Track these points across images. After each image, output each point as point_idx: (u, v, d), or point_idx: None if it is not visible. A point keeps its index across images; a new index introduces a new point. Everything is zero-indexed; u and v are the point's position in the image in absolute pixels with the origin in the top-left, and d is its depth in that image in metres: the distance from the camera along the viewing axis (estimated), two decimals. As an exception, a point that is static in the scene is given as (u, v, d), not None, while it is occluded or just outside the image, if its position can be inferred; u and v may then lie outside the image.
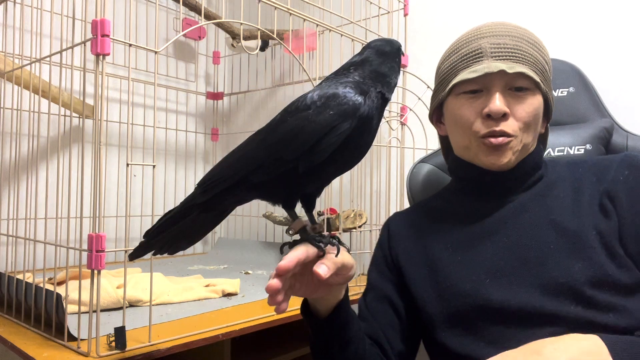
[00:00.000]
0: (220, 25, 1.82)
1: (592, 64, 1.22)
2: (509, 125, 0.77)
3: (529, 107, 0.78)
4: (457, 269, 0.79)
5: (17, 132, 1.08)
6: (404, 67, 1.48)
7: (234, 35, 1.79)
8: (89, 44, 0.82)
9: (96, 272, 0.79)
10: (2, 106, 1.21)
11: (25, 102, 1.16)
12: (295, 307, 0.77)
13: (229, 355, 1.12)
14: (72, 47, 0.90)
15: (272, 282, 0.62)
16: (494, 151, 0.78)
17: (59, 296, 0.85)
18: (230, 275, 1.44)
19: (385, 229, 0.95)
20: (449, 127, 0.86)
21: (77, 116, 1.50)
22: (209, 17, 1.64)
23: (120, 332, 0.80)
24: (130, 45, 0.88)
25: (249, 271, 1.53)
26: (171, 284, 1.19)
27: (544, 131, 0.86)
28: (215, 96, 2.09)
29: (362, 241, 1.55)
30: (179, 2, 1.20)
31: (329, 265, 0.64)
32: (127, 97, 1.60)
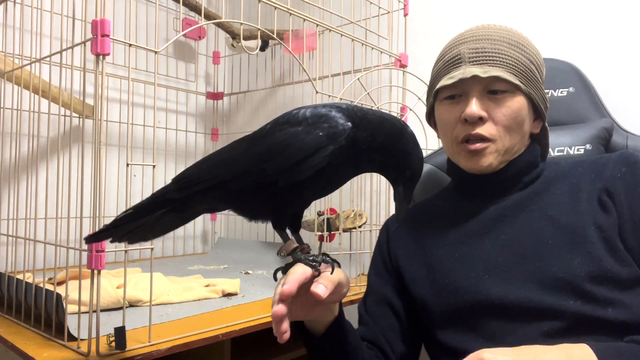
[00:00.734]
0: (220, 25, 1.82)
1: (592, 64, 1.22)
2: (486, 129, 0.78)
3: (507, 110, 0.78)
4: (455, 266, 0.80)
5: (17, 132, 1.08)
6: (404, 67, 1.48)
7: (234, 35, 1.79)
8: (89, 44, 0.82)
9: (96, 272, 0.79)
10: (2, 106, 1.21)
11: (25, 102, 1.16)
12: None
13: (229, 355, 1.12)
14: (72, 47, 0.90)
15: (278, 309, 0.59)
16: (473, 156, 0.80)
17: (59, 296, 0.85)
18: (230, 275, 1.44)
19: (384, 231, 0.95)
20: (438, 132, 0.88)
21: (77, 116, 1.50)
22: (209, 17, 1.64)
23: (120, 332, 0.80)
24: (130, 45, 0.88)
25: (249, 271, 1.53)
26: (171, 284, 1.19)
27: (537, 131, 0.86)
28: (215, 96, 2.09)
29: (362, 241, 1.55)
30: (179, 2, 1.20)
31: (326, 284, 0.63)
32: (127, 97, 1.60)
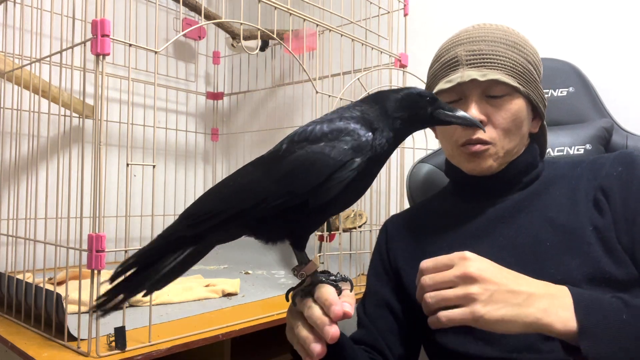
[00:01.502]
0: (220, 25, 1.83)
1: (592, 64, 1.22)
2: (486, 132, 0.78)
3: (506, 113, 0.78)
4: None
5: (17, 132, 1.08)
6: (403, 67, 1.48)
7: (234, 35, 1.79)
8: (89, 44, 0.82)
9: (96, 272, 0.80)
10: (2, 106, 1.21)
11: (25, 102, 1.16)
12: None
13: (229, 355, 1.12)
14: (72, 47, 0.90)
15: (334, 331, 0.57)
16: (474, 158, 0.80)
17: (59, 296, 0.85)
18: (230, 275, 1.43)
19: (383, 232, 0.95)
20: (437, 134, 0.88)
21: (77, 116, 1.50)
22: (209, 17, 1.64)
23: (120, 332, 0.81)
24: (130, 45, 0.88)
25: (249, 271, 1.53)
26: (171, 284, 1.18)
27: (536, 130, 0.86)
28: (215, 96, 2.09)
29: (362, 241, 1.55)
30: (179, 2, 1.20)
31: (350, 301, 0.61)
32: (127, 97, 1.60)
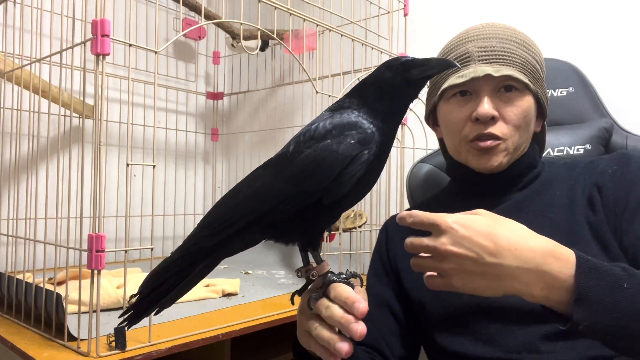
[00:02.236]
0: (220, 25, 1.82)
1: (592, 64, 1.22)
2: (498, 128, 0.78)
3: (518, 109, 0.78)
4: None
5: (17, 132, 1.08)
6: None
7: (234, 35, 1.79)
8: (89, 44, 0.82)
9: (96, 272, 0.80)
10: (2, 106, 1.21)
11: (25, 102, 1.16)
12: (293, 307, 0.77)
13: (229, 355, 1.12)
14: (72, 47, 0.90)
15: (362, 328, 0.57)
16: (484, 154, 0.79)
17: (59, 296, 0.85)
18: (230, 275, 1.43)
19: (383, 233, 0.95)
20: (442, 131, 0.88)
21: (77, 116, 1.50)
22: (209, 17, 1.64)
23: (120, 332, 0.81)
24: (130, 45, 0.88)
25: (249, 271, 1.53)
26: (171, 284, 1.19)
27: (539, 129, 0.86)
28: (215, 96, 2.09)
29: (362, 241, 1.55)
30: (179, 2, 1.20)
31: (363, 297, 0.61)
32: (127, 97, 1.60)
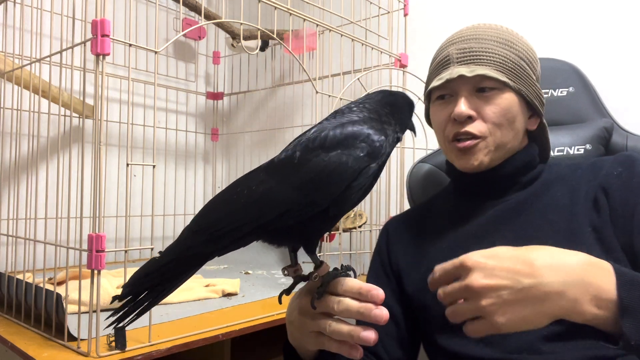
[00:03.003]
0: (220, 25, 1.82)
1: (592, 64, 1.22)
2: (475, 126, 0.79)
3: (496, 108, 0.79)
4: None
5: (17, 132, 1.08)
6: (404, 67, 1.48)
7: (234, 35, 1.79)
8: (89, 44, 0.82)
9: (96, 272, 0.80)
10: (2, 106, 1.21)
11: (25, 102, 1.16)
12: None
13: (229, 355, 1.12)
14: (72, 47, 0.90)
15: (386, 312, 0.56)
16: (464, 154, 0.81)
17: (59, 296, 0.85)
18: (230, 275, 1.43)
19: (384, 234, 0.95)
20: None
21: (77, 116, 1.50)
22: (209, 17, 1.64)
23: (120, 332, 0.80)
24: (130, 45, 0.88)
25: (249, 271, 1.53)
26: (171, 284, 1.19)
27: (534, 128, 0.86)
28: (215, 96, 2.09)
29: (362, 241, 1.55)
30: (179, 2, 1.20)
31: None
32: (127, 97, 1.60)
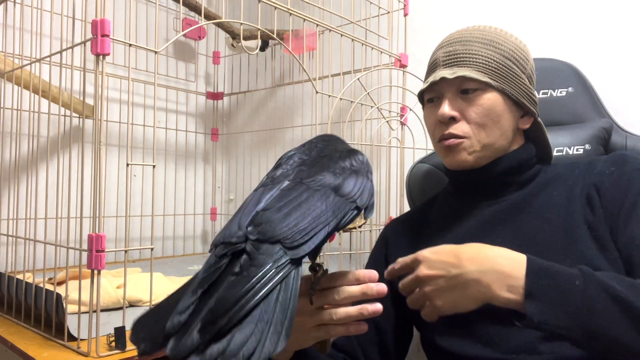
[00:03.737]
0: (220, 25, 1.82)
1: (591, 64, 1.22)
2: (459, 127, 0.81)
3: (479, 108, 0.80)
4: None
5: (17, 132, 1.08)
6: (403, 67, 1.48)
7: (234, 35, 1.79)
8: (89, 44, 0.82)
9: (96, 272, 0.80)
10: (2, 106, 1.21)
11: (25, 102, 1.16)
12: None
13: (228, 354, 1.12)
14: (72, 47, 0.90)
15: (383, 286, 0.60)
16: (449, 152, 0.83)
17: (59, 296, 0.85)
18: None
19: (382, 239, 0.96)
20: None
21: (77, 116, 1.50)
22: (209, 17, 1.64)
23: (120, 332, 0.81)
24: (130, 45, 0.88)
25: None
26: (171, 284, 1.19)
27: (527, 126, 0.86)
28: (215, 96, 2.09)
29: (362, 241, 1.55)
30: (179, 2, 1.20)
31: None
32: (127, 97, 1.60)
